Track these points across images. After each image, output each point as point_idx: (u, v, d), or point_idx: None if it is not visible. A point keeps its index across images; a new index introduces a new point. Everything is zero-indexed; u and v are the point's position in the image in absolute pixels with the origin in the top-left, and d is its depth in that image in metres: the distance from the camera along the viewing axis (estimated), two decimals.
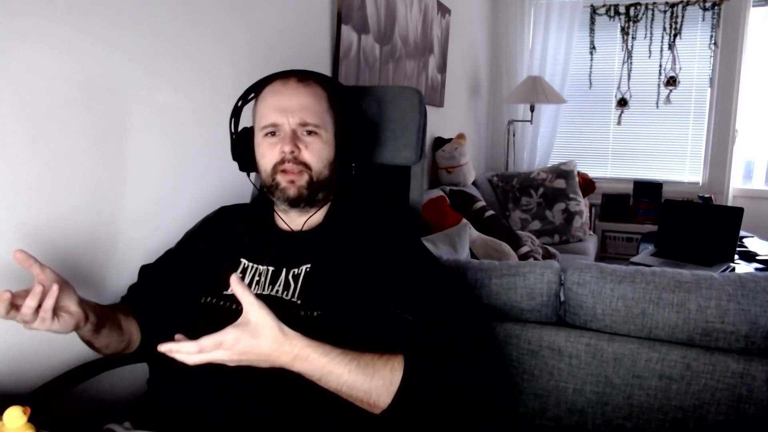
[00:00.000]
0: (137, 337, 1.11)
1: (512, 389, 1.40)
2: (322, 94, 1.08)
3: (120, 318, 1.07)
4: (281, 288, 1.02)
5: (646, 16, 4.12)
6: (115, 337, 1.05)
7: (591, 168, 4.26)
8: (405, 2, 2.68)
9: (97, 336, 1.00)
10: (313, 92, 1.07)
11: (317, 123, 1.05)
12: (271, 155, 1.05)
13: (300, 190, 1.04)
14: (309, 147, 1.04)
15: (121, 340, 1.07)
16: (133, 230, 1.29)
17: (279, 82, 1.08)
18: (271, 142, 1.05)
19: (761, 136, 4.13)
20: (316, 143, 1.05)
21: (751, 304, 1.23)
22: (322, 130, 1.06)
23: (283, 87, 1.06)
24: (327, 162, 1.07)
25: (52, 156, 1.09)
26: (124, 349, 1.09)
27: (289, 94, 1.05)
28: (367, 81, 2.38)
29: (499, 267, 1.45)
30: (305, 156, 1.04)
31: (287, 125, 1.04)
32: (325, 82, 1.12)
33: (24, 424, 0.70)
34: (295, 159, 1.03)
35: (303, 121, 1.04)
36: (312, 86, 1.07)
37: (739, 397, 1.24)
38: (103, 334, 1.01)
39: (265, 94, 1.08)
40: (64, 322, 0.89)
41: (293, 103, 1.04)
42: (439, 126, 3.42)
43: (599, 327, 1.36)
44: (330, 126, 1.08)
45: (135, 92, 1.26)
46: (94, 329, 0.97)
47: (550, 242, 3.52)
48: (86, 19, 1.13)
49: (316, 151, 1.05)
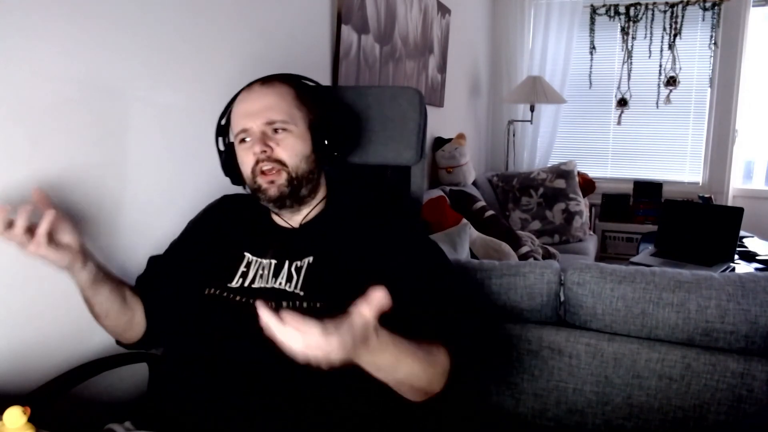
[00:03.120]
0: (141, 323, 1.11)
1: (512, 389, 1.40)
2: (287, 91, 1.09)
3: (126, 291, 1.08)
4: (284, 280, 1.03)
5: (646, 16, 4.12)
6: (116, 306, 1.06)
7: (591, 168, 4.26)
8: (405, 2, 2.68)
9: (97, 292, 1.01)
10: (277, 91, 1.08)
11: (284, 119, 1.06)
12: (248, 160, 1.07)
13: (280, 189, 1.05)
14: (281, 144, 1.05)
15: (123, 314, 1.07)
16: (134, 230, 1.29)
17: (244, 91, 1.11)
18: (244, 147, 1.07)
19: (761, 136, 4.13)
20: (288, 139, 1.06)
21: (751, 304, 1.23)
22: (291, 125, 1.07)
23: (247, 94, 1.09)
24: (303, 156, 1.07)
25: (52, 156, 1.09)
26: (124, 327, 1.10)
27: (253, 98, 1.08)
28: (367, 81, 2.38)
29: (499, 267, 1.45)
30: (278, 153, 1.05)
31: (255, 127, 1.05)
32: (290, 79, 1.13)
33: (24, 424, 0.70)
34: (268, 158, 1.04)
35: (269, 120, 1.05)
36: (275, 86, 1.09)
37: (739, 397, 1.24)
38: (103, 294, 1.02)
39: (234, 105, 1.11)
40: (60, 253, 0.93)
41: (257, 105, 1.06)
42: (439, 126, 3.42)
43: (599, 327, 1.36)
44: (300, 121, 1.08)
45: (135, 92, 1.26)
46: (94, 280, 0.99)
47: (550, 242, 3.52)
48: (86, 19, 1.13)
49: (289, 147, 1.06)
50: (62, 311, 1.13)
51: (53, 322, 1.13)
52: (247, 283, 1.05)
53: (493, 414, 1.42)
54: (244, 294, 1.03)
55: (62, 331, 1.15)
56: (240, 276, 1.06)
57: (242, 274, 1.06)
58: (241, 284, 1.05)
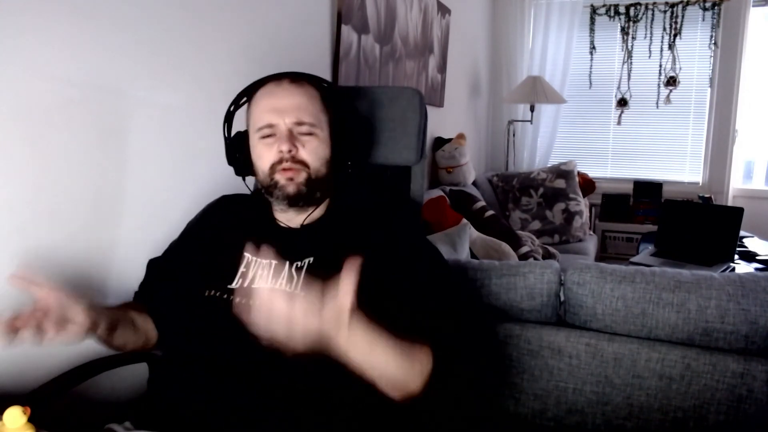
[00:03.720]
0: (154, 333, 1.12)
1: (512, 389, 1.40)
2: (315, 94, 1.09)
3: (133, 316, 1.08)
4: (284, 281, 1.03)
5: (646, 16, 4.12)
6: (131, 336, 1.06)
7: (591, 168, 4.26)
8: (405, 2, 2.68)
9: (112, 337, 1.01)
10: (307, 92, 1.08)
11: (313, 122, 1.06)
12: (269, 156, 1.05)
13: (299, 187, 1.05)
14: (306, 146, 1.05)
15: (138, 338, 1.08)
16: (134, 230, 1.29)
17: (272, 83, 1.09)
18: (267, 143, 1.06)
19: (761, 136, 4.13)
20: (313, 142, 1.06)
21: (751, 304, 1.23)
22: (318, 129, 1.06)
23: (276, 88, 1.07)
24: (324, 160, 1.07)
25: (52, 156, 1.09)
26: (143, 345, 1.11)
27: (282, 94, 1.06)
28: (367, 81, 2.38)
29: (499, 267, 1.45)
30: (303, 155, 1.05)
31: (283, 125, 1.04)
32: (317, 82, 1.13)
33: (24, 424, 0.70)
34: (293, 158, 1.04)
35: (299, 120, 1.04)
36: (305, 86, 1.08)
37: (739, 397, 1.24)
38: (118, 334, 1.02)
39: (258, 96, 1.09)
40: (72, 334, 0.90)
41: (288, 103, 1.05)
42: (439, 126, 3.42)
43: (599, 327, 1.36)
44: (325, 125, 1.08)
45: (135, 92, 1.26)
46: (108, 332, 0.98)
47: (550, 242, 3.52)
48: (86, 19, 1.13)
49: (313, 150, 1.06)
50: None
51: None
52: (246, 283, 1.05)
53: (493, 414, 1.42)
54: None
55: None
56: (240, 276, 1.06)
57: (242, 274, 1.06)
58: (241, 284, 1.05)
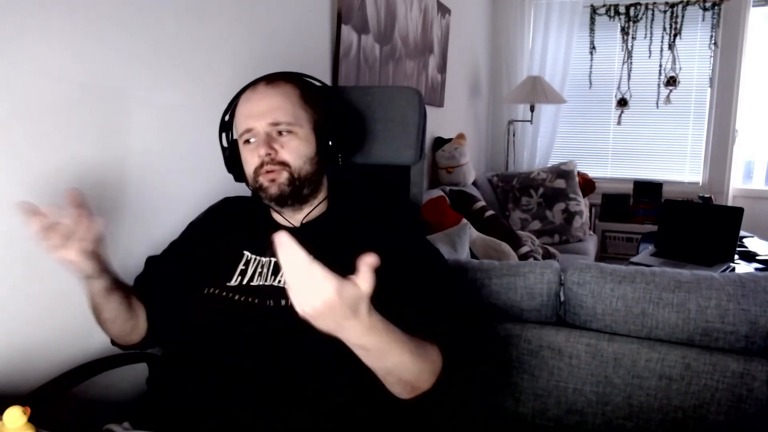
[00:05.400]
0: (143, 326, 1.11)
1: (512, 389, 1.40)
2: (292, 91, 1.09)
3: (133, 298, 1.08)
4: (283, 278, 1.02)
5: (646, 16, 4.12)
6: (123, 313, 1.05)
7: (591, 168, 4.26)
8: (405, 2, 2.68)
9: (108, 300, 1.01)
10: (283, 92, 1.07)
11: (289, 120, 1.05)
12: (252, 160, 1.06)
13: (281, 187, 1.05)
14: (285, 146, 1.05)
15: (128, 319, 1.07)
16: (134, 230, 1.29)
17: (249, 90, 1.10)
18: (249, 148, 1.07)
19: (761, 136, 4.13)
20: (292, 141, 1.06)
21: (751, 304, 1.23)
22: (297, 126, 1.06)
23: (252, 93, 1.08)
24: (307, 158, 1.07)
25: (52, 156, 1.09)
26: (130, 332, 1.10)
27: (257, 98, 1.07)
28: (367, 81, 2.38)
29: (499, 267, 1.45)
30: (283, 155, 1.05)
31: (260, 128, 1.05)
32: (296, 79, 1.12)
33: (24, 424, 0.70)
34: (272, 161, 1.04)
35: (274, 121, 1.05)
36: (281, 86, 1.08)
37: (739, 397, 1.24)
38: (114, 300, 1.02)
39: (239, 104, 1.10)
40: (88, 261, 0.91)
41: (263, 106, 1.05)
42: (439, 126, 3.42)
43: (599, 327, 1.36)
44: (305, 122, 1.08)
45: (135, 92, 1.26)
46: (107, 289, 0.98)
47: (550, 242, 3.52)
48: (87, 19, 1.13)
49: (294, 149, 1.06)
50: (62, 311, 1.13)
51: (53, 322, 1.13)
52: (245, 281, 1.05)
53: (493, 414, 1.42)
54: (242, 293, 1.03)
55: (62, 331, 1.15)
56: (239, 274, 1.06)
57: (241, 272, 1.06)
58: (240, 282, 1.05)
